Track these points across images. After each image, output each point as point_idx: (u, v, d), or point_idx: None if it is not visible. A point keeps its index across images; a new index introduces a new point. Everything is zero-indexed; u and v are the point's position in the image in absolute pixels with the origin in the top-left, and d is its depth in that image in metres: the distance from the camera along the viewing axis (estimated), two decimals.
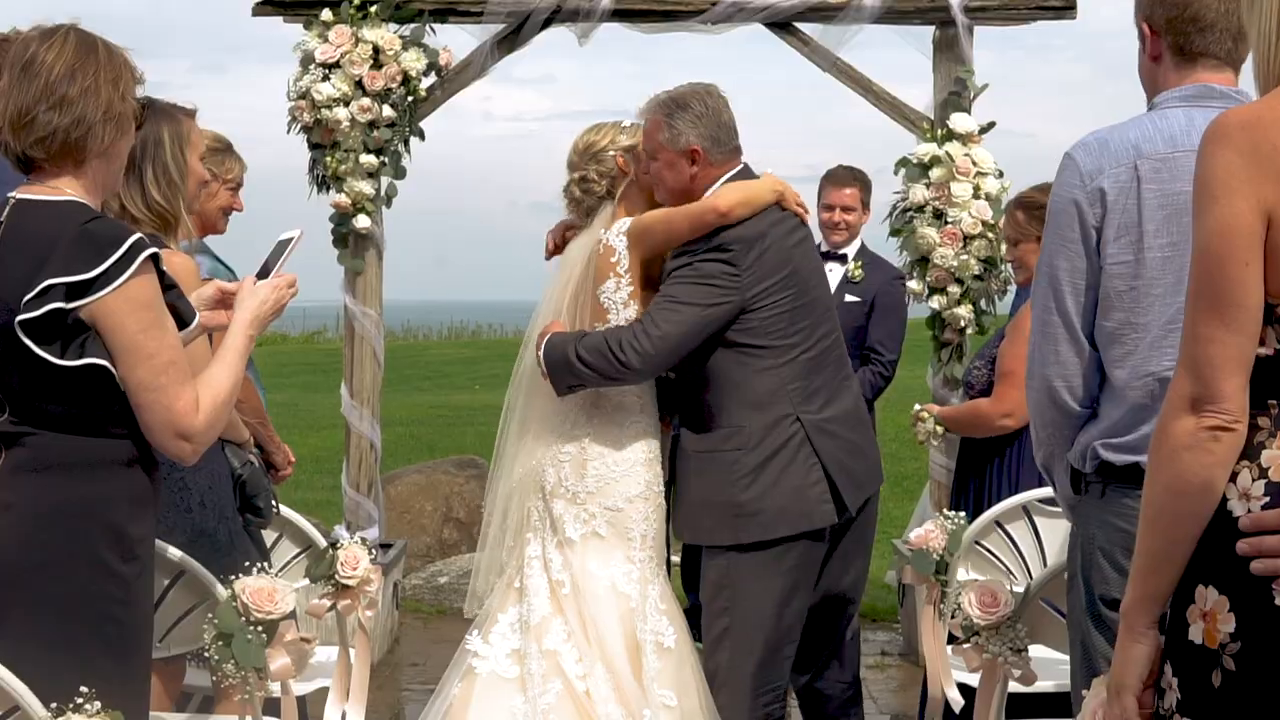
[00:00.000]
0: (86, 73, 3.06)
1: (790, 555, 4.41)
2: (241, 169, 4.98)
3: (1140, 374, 3.11)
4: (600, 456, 4.49)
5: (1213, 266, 2.29)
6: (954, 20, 6.93)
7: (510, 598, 4.54)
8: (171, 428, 3.02)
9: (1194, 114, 3.14)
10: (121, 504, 3.06)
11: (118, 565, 3.05)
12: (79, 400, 2.99)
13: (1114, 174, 3.12)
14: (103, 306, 2.94)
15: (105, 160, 3.12)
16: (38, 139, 3.04)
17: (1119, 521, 3.09)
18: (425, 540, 9.05)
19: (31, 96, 3.03)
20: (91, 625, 3.01)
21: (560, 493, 4.50)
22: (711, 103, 4.51)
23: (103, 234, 2.99)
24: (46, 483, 2.99)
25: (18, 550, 2.96)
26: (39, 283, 2.91)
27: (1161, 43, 3.23)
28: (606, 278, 4.53)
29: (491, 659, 4.44)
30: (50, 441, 3.00)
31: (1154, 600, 2.38)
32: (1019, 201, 5.22)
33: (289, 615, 3.60)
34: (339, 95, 6.78)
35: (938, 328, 7.04)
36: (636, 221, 4.51)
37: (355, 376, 7.20)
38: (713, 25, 6.98)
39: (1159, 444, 2.35)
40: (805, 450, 4.41)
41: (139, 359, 2.97)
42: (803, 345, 4.46)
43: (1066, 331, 3.21)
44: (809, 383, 4.46)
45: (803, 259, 4.53)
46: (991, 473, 5.22)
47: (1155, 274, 3.11)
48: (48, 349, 2.94)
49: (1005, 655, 3.67)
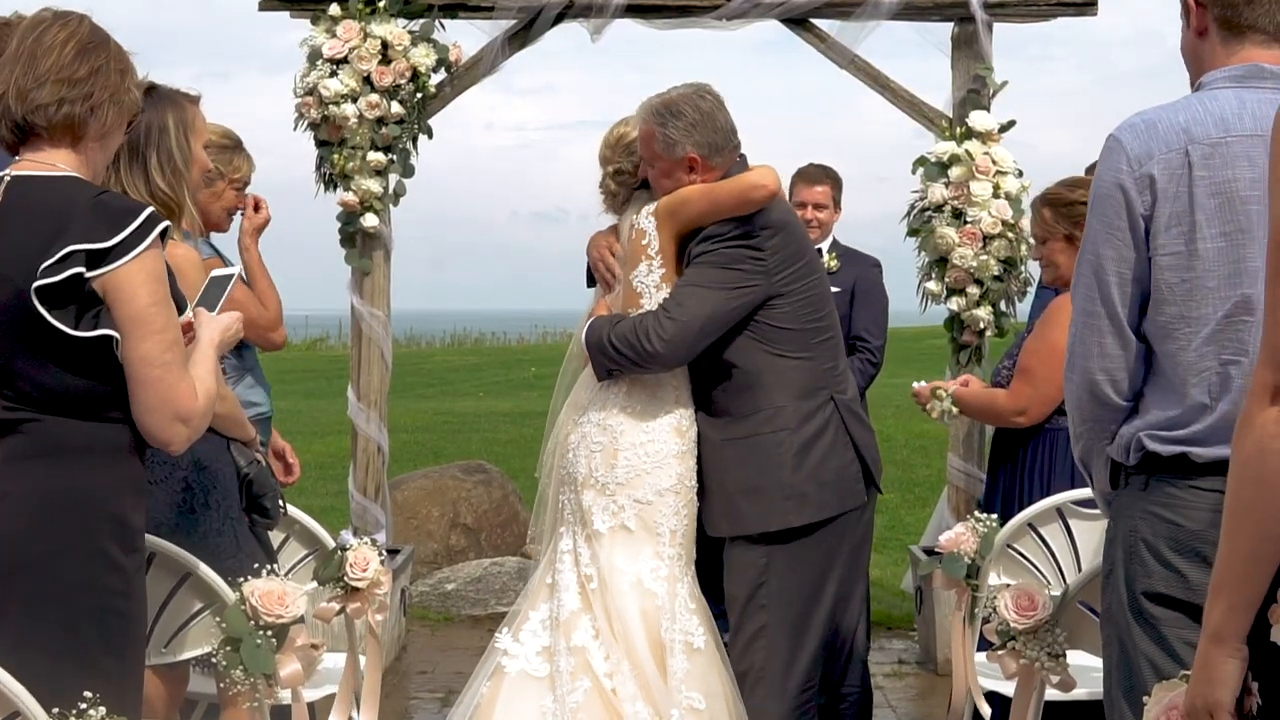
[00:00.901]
0: (99, 55, 3.09)
1: (827, 541, 4.39)
2: (250, 168, 4.86)
3: (1197, 370, 2.97)
4: (632, 447, 4.41)
5: None
6: (973, 16, 6.82)
7: (542, 594, 4.49)
8: (172, 408, 2.99)
9: (1245, 95, 3.00)
10: (124, 493, 3.04)
11: (119, 557, 3.02)
12: (84, 374, 2.97)
13: (1165, 159, 2.98)
14: (119, 275, 2.94)
15: (100, 144, 3.14)
16: (40, 106, 3.04)
17: (1164, 512, 2.96)
18: (432, 546, 8.93)
19: (43, 68, 3.04)
20: (93, 617, 2.97)
21: (590, 483, 4.43)
22: (705, 105, 4.43)
23: (117, 205, 3.02)
24: (46, 470, 2.96)
25: (18, 540, 2.91)
26: (58, 250, 2.91)
27: (1207, 15, 3.09)
28: (639, 261, 4.48)
29: (522, 657, 4.38)
30: (49, 427, 2.98)
31: (1245, 611, 2.26)
32: (1045, 198, 5.10)
33: (299, 619, 3.48)
34: (347, 91, 6.67)
35: (956, 329, 6.92)
36: (666, 200, 4.44)
37: (363, 378, 7.08)
38: (728, 21, 6.87)
39: (1242, 437, 2.24)
40: (841, 431, 4.42)
41: (148, 331, 2.95)
42: (830, 329, 4.50)
43: (1111, 323, 3.08)
44: (838, 364, 4.51)
45: (812, 247, 4.62)
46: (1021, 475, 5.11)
47: (1210, 266, 2.96)
48: (61, 319, 2.93)
49: (1043, 660, 3.56)
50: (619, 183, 4.63)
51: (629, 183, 4.62)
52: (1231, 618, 2.26)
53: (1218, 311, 2.94)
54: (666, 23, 6.94)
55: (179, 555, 3.50)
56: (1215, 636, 2.28)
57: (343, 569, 4.05)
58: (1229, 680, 2.27)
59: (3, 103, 3.05)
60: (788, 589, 4.36)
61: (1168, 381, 3.02)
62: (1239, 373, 2.89)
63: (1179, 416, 2.98)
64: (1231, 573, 2.26)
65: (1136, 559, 3.02)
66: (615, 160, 4.62)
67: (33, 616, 2.91)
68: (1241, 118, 2.96)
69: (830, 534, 4.39)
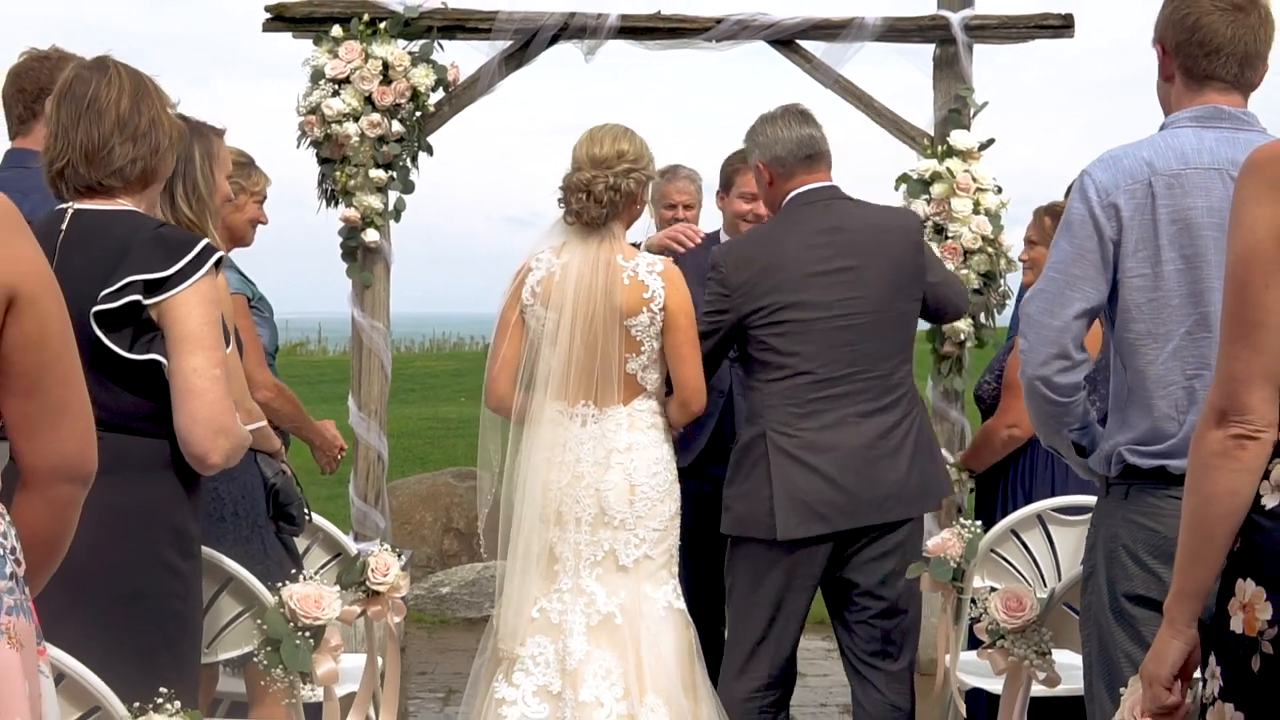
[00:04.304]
0: (150, 104, 3.28)
1: (749, 557, 4.65)
2: (266, 182, 5.06)
3: (1164, 383, 3.24)
4: (645, 482, 4.56)
5: (1237, 288, 2.46)
6: (954, 38, 7.04)
7: (531, 630, 4.55)
8: (217, 420, 3.16)
9: (1204, 134, 3.30)
10: (181, 504, 3.24)
11: (178, 563, 3.22)
12: (141, 393, 3.16)
13: (1129, 189, 3.26)
14: (175, 302, 3.13)
15: (158, 183, 3.37)
16: (115, 169, 3.23)
17: (1144, 520, 3.22)
18: (426, 550, 9.12)
19: (105, 130, 3.22)
20: (156, 622, 3.17)
21: (605, 522, 4.53)
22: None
23: (175, 237, 3.21)
24: (109, 485, 3.07)
25: (85, 551, 3.04)
26: (119, 279, 3.09)
27: (1174, 63, 3.37)
28: (639, 312, 4.55)
29: (520, 702, 4.47)
30: (111, 444, 3.09)
31: (1193, 596, 2.53)
32: (1050, 209, 5.34)
33: (334, 621, 3.68)
34: (349, 110, 6.85)
35: (937, 341, 7.13)
36: (682, 301, 4.60)
37: (363, 388, 7.27)
38: (717, 43, 7.07)
39: (1194, 453, 2.52)
40: (761, 467, 4.56)
41: (199, 347, 3.14)
42: (799, 367, 4.57)
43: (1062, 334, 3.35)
44: (799, 404, 4.58)
45: (816, 287, 4.58)
46: (1005, 485, 5.32)
47: (1172, 286, 3.24)
48: (116, 341, 3.11)
49: (1030, 658, 3.78)
50: (611, 196, 4.54)
51: (616, 201, 4.56)
52: (1178, 603, 2.56)
53: (1180, 328, 3.22)
54: (659, 44, 7.13)
55: (217, 560, 3.70)
56: (1167, 617, 2.58)
57: (365, 574, 4.25)
58: (1169, 658, 2.56)
59: (69, 170, 3.23)
60: (732, 590, 4.75)
61: (1135, 396, 3.28)
62: (1203, 386, 3.18)
63: (1153, 432, 3.24)
64: (1182, 565, 2.55)
65: (1117, 563, 3.27)
66: (623, 173, 4.57)
67: (99, 621, 3.08)
68: (1200, 153, 3.26)
69: (753, 553, 4.64)
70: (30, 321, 2.26)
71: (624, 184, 4.55)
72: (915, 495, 4.62)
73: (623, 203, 4.57)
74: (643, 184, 4.62)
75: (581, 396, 4.55)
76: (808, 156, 4.68)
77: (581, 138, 4.66)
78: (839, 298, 4.57)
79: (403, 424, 17.30)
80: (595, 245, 4.57)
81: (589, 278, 4.52)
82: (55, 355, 2.32)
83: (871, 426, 4.57)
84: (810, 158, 4.69)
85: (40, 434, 2.32)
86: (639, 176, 4.59)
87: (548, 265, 4.60)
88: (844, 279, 4.58)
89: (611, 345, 4.52)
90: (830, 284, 4.57)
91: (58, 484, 2.36)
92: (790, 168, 4.70)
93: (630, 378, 4.58)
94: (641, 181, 4.61)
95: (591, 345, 4.51)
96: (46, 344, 2.31)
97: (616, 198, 4.55)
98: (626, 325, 4.54)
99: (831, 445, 4.54)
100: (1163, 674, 2.56)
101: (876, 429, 4.57)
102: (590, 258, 4.55)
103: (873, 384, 4.57)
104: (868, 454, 4.55)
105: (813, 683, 6.68)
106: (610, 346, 4.52)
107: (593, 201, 4.54)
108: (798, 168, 4.69)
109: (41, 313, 2.29)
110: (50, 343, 2.31)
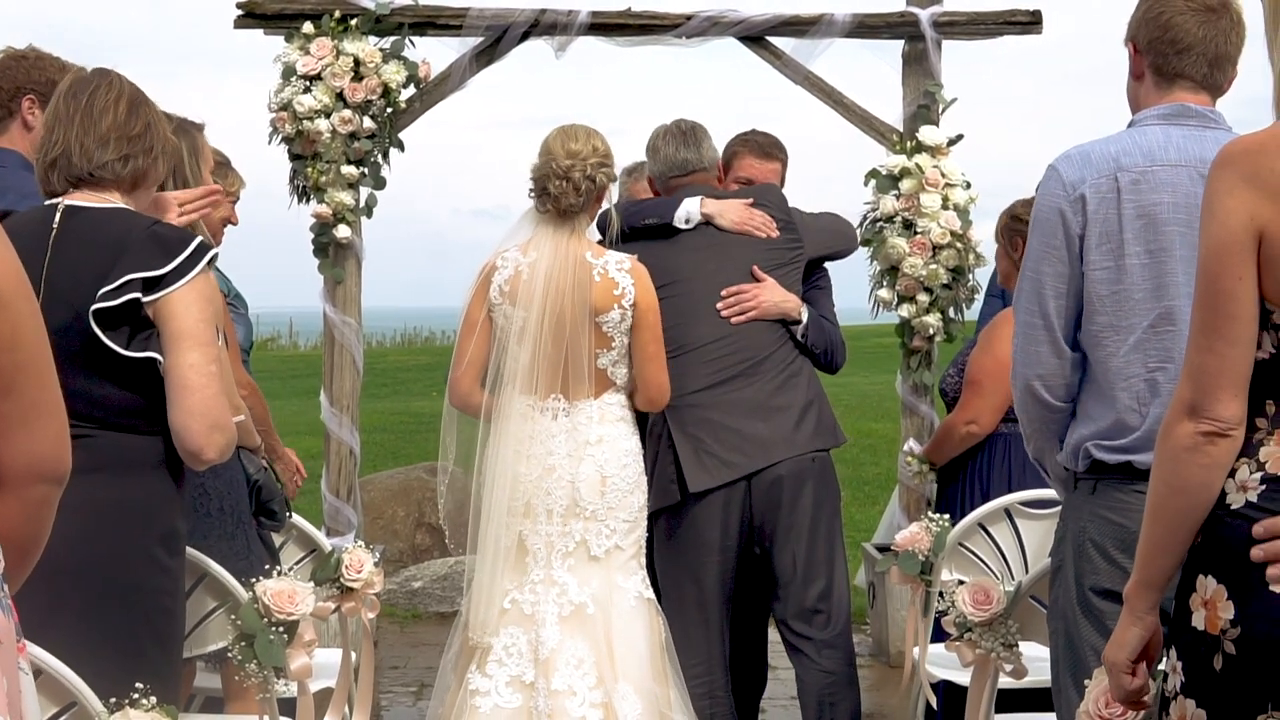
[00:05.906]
0: (147, 111, 3.36)
1: (662, 527, 4.89)
2: (241, 184, 5.09)
3: (1125, 375, 3.29)
4: (615, 474, 4.62)
5: (1209, 281, 2.45)
6: (923, 35, 7.08)
7: (503, 621, 4.60)
8: (213, 415, 3.20)
9: (1170, 131, 3.34)
10: (173, 502, 3.30)
11: (167, 560, 3.28)
12: (136, 391, 3.20)
13: (1095, 184, 3.31)
14: (172, 299, 3.18)
15: (147, 189, 3.42)
16: (107, 162, 3.27)
17: (1111, 515, 3.27)
18: (398, 545, 9.13)
19: (102, 126, 3.28)
20: (144, 616, 3.22)
21: (576, 513, 4.58)
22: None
23: (170, 235, 3.26)
24: (103, 482, 3.17)
25: (76, 546, 3.09)
26: (117, 276, 3.13)
27: (1144, 61, 3.42)
28: (610, 308, 4.63)
29: (493, 692, 4.52)
30: (104, 442, 3.19)
31: (1153, 586, 2.56)
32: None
33: (307, 616, 3.71)
34: (320, 107, 6.86)
35: (907, 335, 7.17)
36: (651, 306, 4.71)
37: (335, 384, 7.28)
38: (688, 39, 7.11)
39: (1161, 445, 2.51)
40: (659, 430, 4.86)
41: (195, 343, 3.19)
42: (680, 346, 4.87)
43: (1047, 334, 3.39)
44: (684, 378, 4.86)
45: (693, 267, 4.96)
46: (964, 478, 5.37)
47: (1136, 280, 3.29)
48: (114, 339, 3.15)
49: (998, 650, 3.83)
50: (587, 186, 4.60)
51: (589, 191, 4.63)
52: (1138, 591, 2.58)
53: (1143, 321, 3.26)
54: (628, 40, 7.15)
55: (195, 557, 3.70)
56: (1128, 605, 2.60)
57: (339, 570, 4.28)
58: (1128, 644, 2.59)
59: (62, 159, 3.27)
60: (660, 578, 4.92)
61: (1098, 387, 3.33)
62: (1166, 379, 3.22)
63: (1116, 425, 3.28)
64: (1144, 555, 2.57)
65: (1084, 557, 3.32)
66: (598, 166, 4.65)
67: (89, 616, 3.13)
68: (1166, 150, 3.30)
69: (664, 524, 4.90)
70: (3, 323, 2.26)
71: (598, 176, 4.65)
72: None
73: (594, 195, 4.67)
74: (610, 181, 4.74)
75: (552, 391, 4.60)
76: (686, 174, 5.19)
77: (554, 132, 4.72)
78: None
79: (375, 419, 17.31)
80: (565, 240, 4.64)
81: (558, 275, 4.58)
82: (29, 356, 2.32)
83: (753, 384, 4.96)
84: (689, 174, 5.21)
85: (15, 434, 2.32)
86: (609, 173, 4.71)
87: (514, 263, 4.64)
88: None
89: (582, 341, 4.57)
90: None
91: (33, 484, 2.36)
92: (668, 183, 5.20)
93: (601, 373, 4.64)
94: (610, 178, 4.74)
95: (560, 341, 4.56)
96: (20, 345, 2.31)
97: (592, 188, 4.65)
98: (598, 321, 4.61)
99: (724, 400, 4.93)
100: (1121, 660, 2.59)
101: (758, 385, 4.96)
102: (560, 254, 4.61)
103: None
104: (756, 402, 4.94)
105: (783, 675, 6.71)
106: (580, 342, 4.58)
107: (571, 188, 4.61)
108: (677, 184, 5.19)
109: (15, 314, 2.28)
110: (24, 343, 2.31)
